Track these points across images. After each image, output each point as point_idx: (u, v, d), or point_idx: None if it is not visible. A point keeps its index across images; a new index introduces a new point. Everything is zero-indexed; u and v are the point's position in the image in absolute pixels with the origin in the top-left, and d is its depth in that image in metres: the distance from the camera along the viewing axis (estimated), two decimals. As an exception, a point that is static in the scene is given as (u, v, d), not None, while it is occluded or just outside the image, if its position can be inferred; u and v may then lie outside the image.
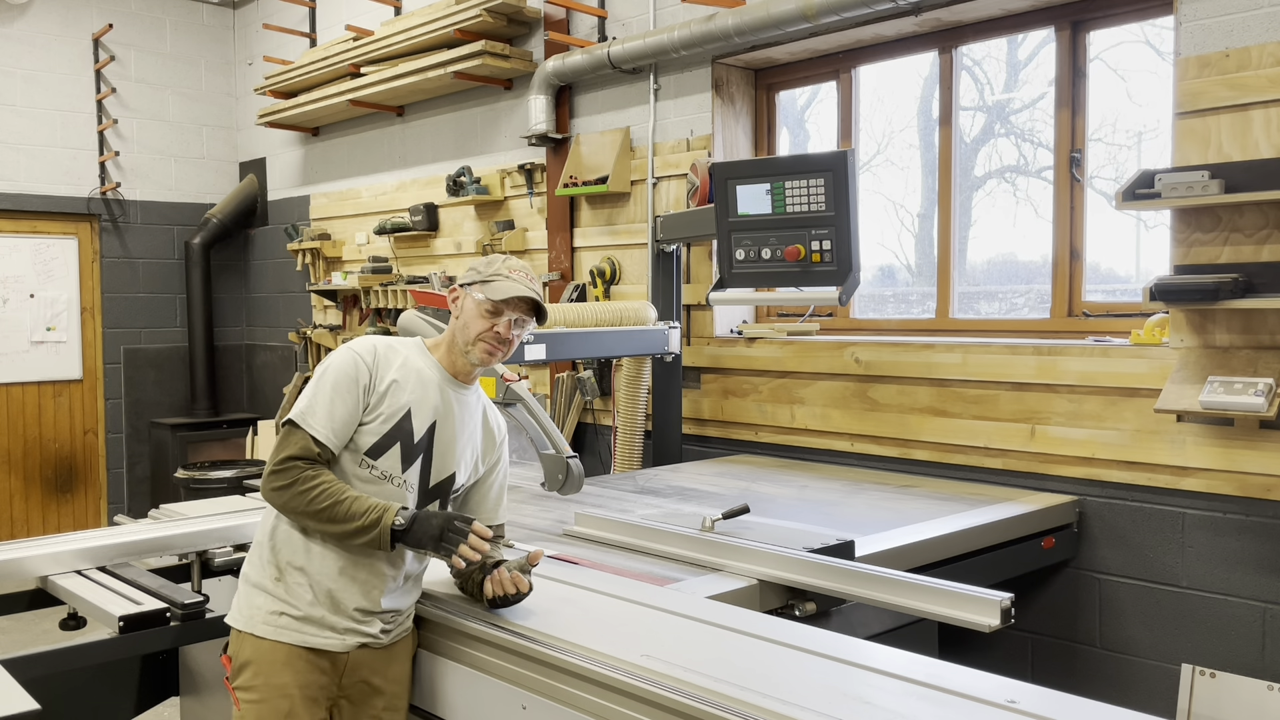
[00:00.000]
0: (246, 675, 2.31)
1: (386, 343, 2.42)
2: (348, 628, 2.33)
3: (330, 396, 2.29)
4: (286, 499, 2.26)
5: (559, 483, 3.21)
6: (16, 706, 1.89)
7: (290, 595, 2.32)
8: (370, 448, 2.32)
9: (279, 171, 7.67)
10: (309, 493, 2.23)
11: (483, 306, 2.37)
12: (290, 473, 2.25)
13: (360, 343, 2.39)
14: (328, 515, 2.23)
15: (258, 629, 2.32)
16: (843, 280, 3.73)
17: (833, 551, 2.78)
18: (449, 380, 2.43)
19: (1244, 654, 3.29)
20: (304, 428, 2.27)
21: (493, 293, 2.36)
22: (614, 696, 1.98)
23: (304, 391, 2.34)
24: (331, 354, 2.39)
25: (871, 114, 4.71)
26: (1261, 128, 3.18)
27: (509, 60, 5.41)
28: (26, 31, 7.14)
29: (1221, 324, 3.27)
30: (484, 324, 2.37)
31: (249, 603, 2.36)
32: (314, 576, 2.31)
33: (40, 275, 7.34)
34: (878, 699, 1.81)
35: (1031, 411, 3.73)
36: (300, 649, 2.30)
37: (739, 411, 4.67)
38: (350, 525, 2.23)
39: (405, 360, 2.39)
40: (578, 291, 5.16)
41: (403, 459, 2.35)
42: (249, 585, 2.37)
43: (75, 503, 7.54)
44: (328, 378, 2.31)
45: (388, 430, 2.33)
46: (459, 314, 2.43)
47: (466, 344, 2.39)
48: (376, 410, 2.32)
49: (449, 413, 2.41)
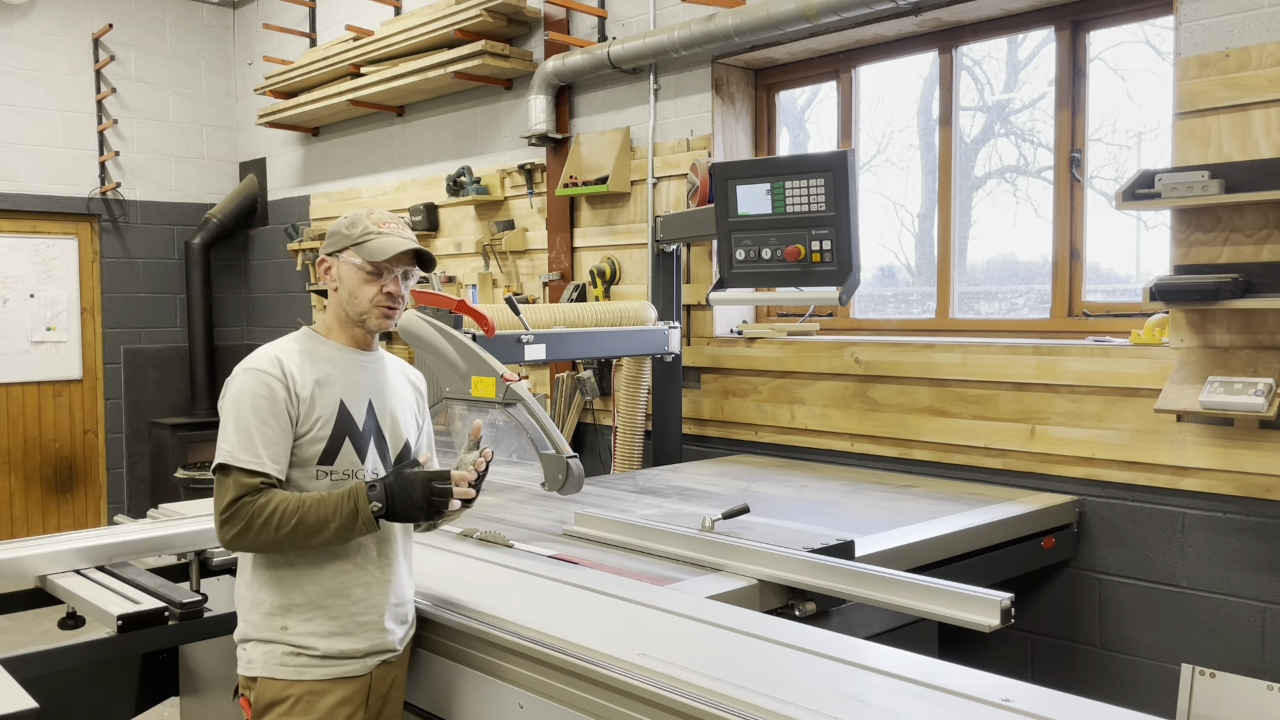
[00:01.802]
0: (272, 716, 2.20)
1: (281, 349, 2.28)
2: (368, 650, 2.26)
3: (253, 424, 2.15)
4: (250, 539, 2.13)
5: (559, 483, 3.20)
6: (15, 705, 1.89)
7: (303, 638, 2.21)
8: (322, 455, 2.22)
9: (279, 171, 7.67)
10: (268, 523, 2.10)
11: (364, 270, 2.24)
12: (241, 514, 2.11)
13: (258, 359, 2.24)
14: (300, 532, 2.12)
15: (276, 671, 2.21)
16: (843, 280, 3.73)
17: (833, 551, 2.78)
18: (358, 355, 2.33)
19: (1244, 654, 3.29)
20: (237, 466, 2.13)
21: (371, 254, 2.23)
22: (610, 695, 1.98)
23: (222, 430, 2.17)
24: (232, 381, 2.22)
25: (871, 114, 4.71)
26: (1261, 128, 3.17)
27: (509, 60, 5.41)
28: (26, 31, 7.15)
29: (1221, 324, 3.27)
30: (371, 289, 2.25)
31: (260, 651, 2.23)
32: (322, 603, 2.22)
33: (40, 275, 7.34)
34: (874, 698, 1.81)
35: (1031, 411, 3.73)
36: (325, 682, 2.21)
37: (739, 411, 4.67)
38: (328, 530, 2.13)
39: (313, 356, 2.28)
40: (578, 291, 5.16)
41: (357, 451, 2.26)
42: (253, 643, 2.24)
43: (75, 503, 7.54)
44: (243, 406, 2.17)
45: (331, 431, 2.23)
46: (337, 284, 2.29)
47: (359, 315, 2.28)
48: (310, 418, 2.21)
49: (376, 385, 2.34)
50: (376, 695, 2.30)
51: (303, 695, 2.19)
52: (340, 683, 2.23)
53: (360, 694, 2.26)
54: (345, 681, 2.23)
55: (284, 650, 2.21)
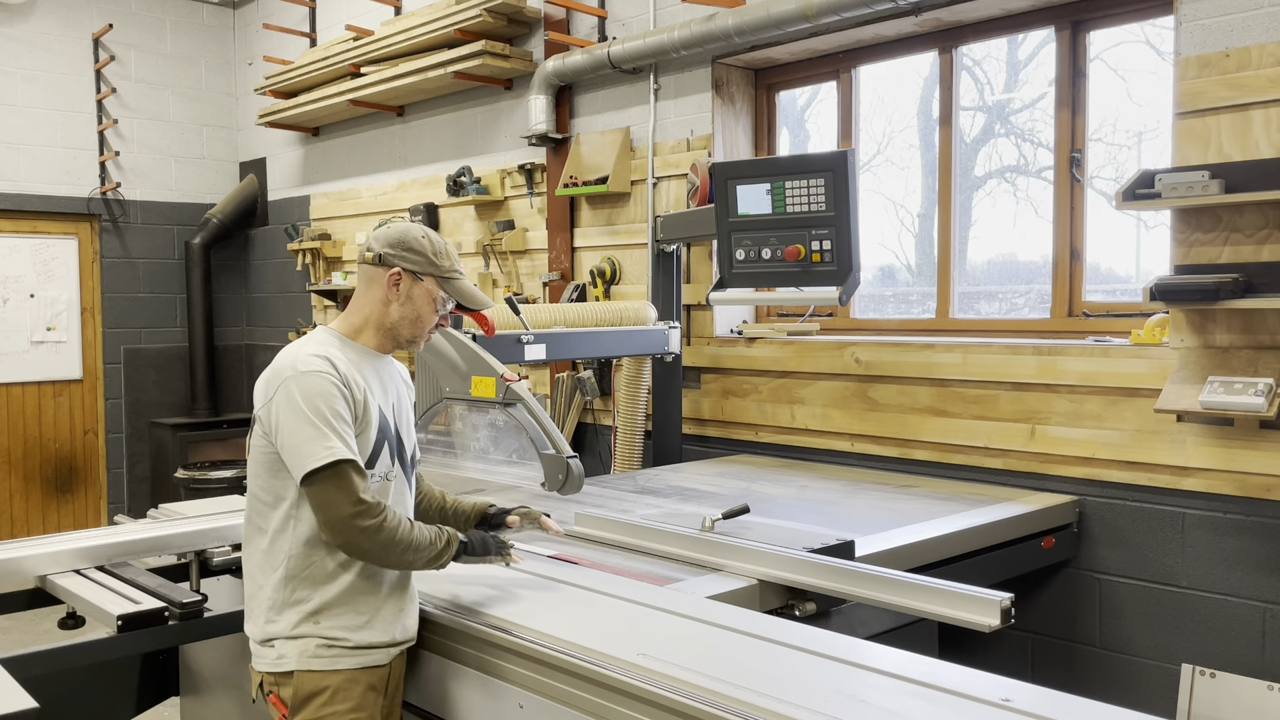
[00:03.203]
0: (314, 706, 2.21)
1: (323, 351, 2.25)
2: (389, 641, 2.30)
3: (334, 423, 2.15)
4: (382, 538, 2.16)
5: (559, 483, 3.20)
6: (15, 705, 1.89)
7: (334, 631, 2.23)
8: (368, 459, 2.25)
9: (279, 171, 7.67)
10: (394, 530, 2.17)
11: (442, 303, 2.34)
12: (374, 511, 2.14)
13: (309, 363, 2.20)
14: (403, 550, 2.20)
15: (313, 664, 2.22)
16: (843, 280, 3.73)
17: (833, 551, 2.78)
18: (380, 359, 2.38)
19: (1244, 654, 3.29)
20: (341, 459, 2.13)
21: (464, 298, 2.36)
22: (609, 695, 1.98)
23: (300, 434, 2.14)
24: (288, 386, 2.18)
25: (871, 114, 4.71)
26: (1261, 128, 3.17)
27: (509, 60, 5.41)
28: (26, 31, 7.15)
29: (1221, 324, 3.27)
30: (434, 319, 2.35)
31: (294, 649, 2.23)
32: (350, 600, 2.25)
33: (40, 275, 7.34)
34: (873, 697, 1.81)
35: (1031, 411, 3.73)
36: (357, 671, 2.25)
37: (739, 411, 4.67)
38: (418, 560, 2.24)
39: (350, 362, 2.27)
40: (578, 291, 5.16)
41: (390, 455, 2.32)
42: (281, 640, 2.24)
43: (75, 502, 7.54)
44: (320, 406, 2.15)
45: (375, 437, 2.27)
46: (402, 300, 2.31)
47: (412, 336, 2.35)
48: (364, 422, 2.25)
49: (394, 388, 2.41)
50: (394, 683, 2.37)
51: (340, 684, 2.24)
52: (369, 671, 2.28)
53: (383, 682, 2.32)
54: (373, 670, 2.29)
55: (317, 643, 2.24)
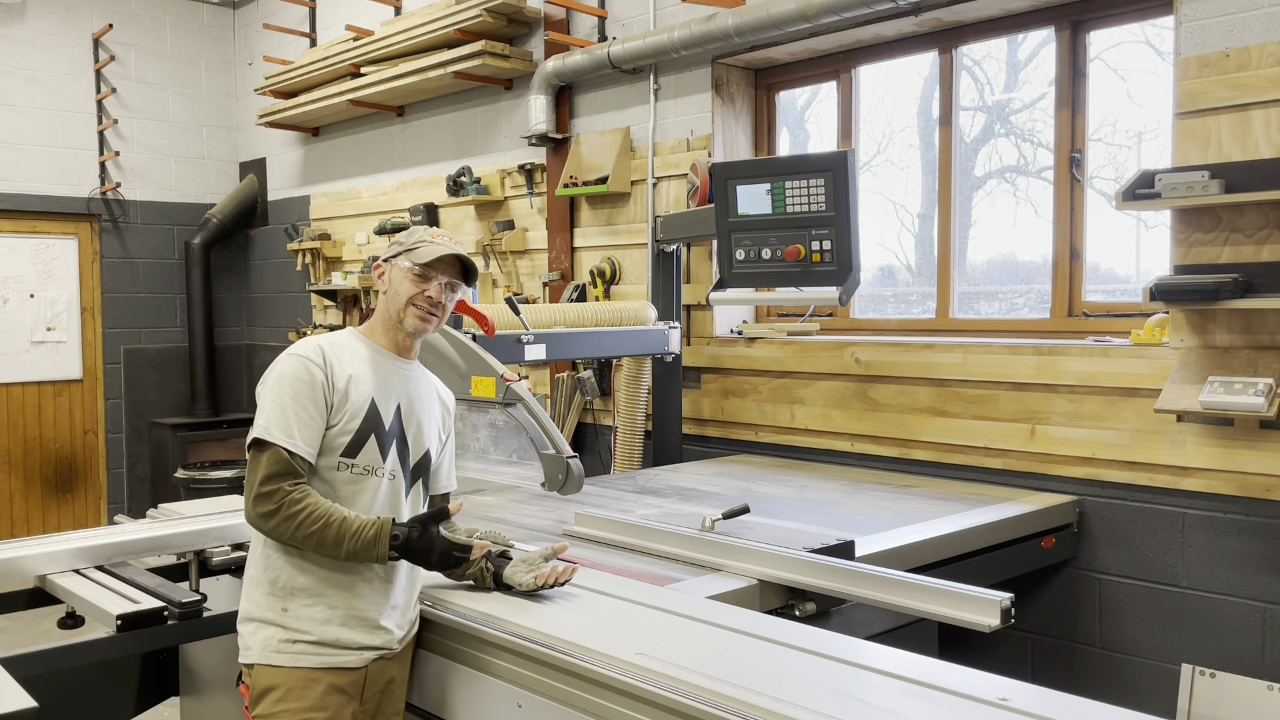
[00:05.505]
0: (268, 702, 2.24)
1: (328, 340, 2.37)
2: (363, 644, 2.29)
3: (291, 405, 2.23)
4: (273, 525, 2.20)
5: (559, 483, 3.20)
6: (14, 704, 1.89)
7: (300, 623, 2.26)
8: (347, 447, 2.29)
9: (279, 171, 7.67)
10: (293, 517, 2.18)
11: (411, 273, 2.35)
12: (275, 496, 2.19)
13: (302, 346, 2.32)
14: (318, 538, 2.19)
15: (273, 659, 2.25)
16: (843, 280, 3.73)
17: (833, 551, 2.78)
18: (396, 360, 2.42)
19: (1244, 654, 3.29)
20: (273, 443, 2.20)
21: (419, 257, 2.35)
22: (608, 694, 1.98)
23: (262, 406, 2.26)
24: (274, 365, 2.30)
25: (871, 114, 4.71)
26: (1261, 128, 3.17)
27: (509, 60, 5.41)
28: (26, 31, 7.15)
29: (1221, 324, 3.27)
30: (414, 288, 2.35)
31: (258, 638, 2.28)
32: (323, 592, 2.27)
33: (40, 275, 7.34)
34: (872, 697, 1.81)
35: (1031, 411, 3.73)
36: (319, 670, 2.25)
37: (739, 411, 4.67)
38: (341, 549, 2.20)
39: (354, 352, 2.36)
40: (578, 291, 5.16)
41: (380, 448, 2.33)
42: (254, 623, 2.30)
43: (75, 502, 7.54)
44: (283, 387, 2.24)
45: (359, 425, 2.30)
46: (386, 288, 2.40)
47: (399, 312, 2.37)
48: (342, 409, 2.29)
49: (408, 392, 2.42)
50: (373, 690, 2.33)
51: (296, 683, 2.24)
52: (334, 672, 2.27)
53: (355, 686, 2.29)
54: (339, 671, 2.27)
55: (280, 637, 2.26)
